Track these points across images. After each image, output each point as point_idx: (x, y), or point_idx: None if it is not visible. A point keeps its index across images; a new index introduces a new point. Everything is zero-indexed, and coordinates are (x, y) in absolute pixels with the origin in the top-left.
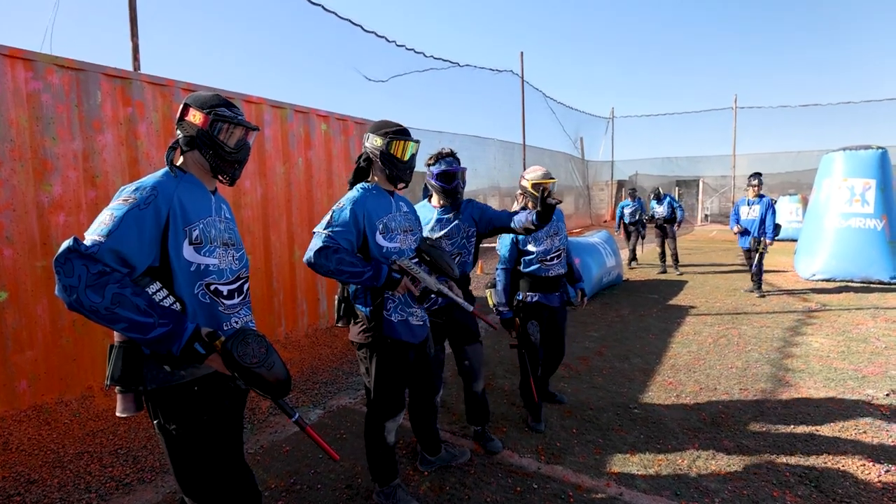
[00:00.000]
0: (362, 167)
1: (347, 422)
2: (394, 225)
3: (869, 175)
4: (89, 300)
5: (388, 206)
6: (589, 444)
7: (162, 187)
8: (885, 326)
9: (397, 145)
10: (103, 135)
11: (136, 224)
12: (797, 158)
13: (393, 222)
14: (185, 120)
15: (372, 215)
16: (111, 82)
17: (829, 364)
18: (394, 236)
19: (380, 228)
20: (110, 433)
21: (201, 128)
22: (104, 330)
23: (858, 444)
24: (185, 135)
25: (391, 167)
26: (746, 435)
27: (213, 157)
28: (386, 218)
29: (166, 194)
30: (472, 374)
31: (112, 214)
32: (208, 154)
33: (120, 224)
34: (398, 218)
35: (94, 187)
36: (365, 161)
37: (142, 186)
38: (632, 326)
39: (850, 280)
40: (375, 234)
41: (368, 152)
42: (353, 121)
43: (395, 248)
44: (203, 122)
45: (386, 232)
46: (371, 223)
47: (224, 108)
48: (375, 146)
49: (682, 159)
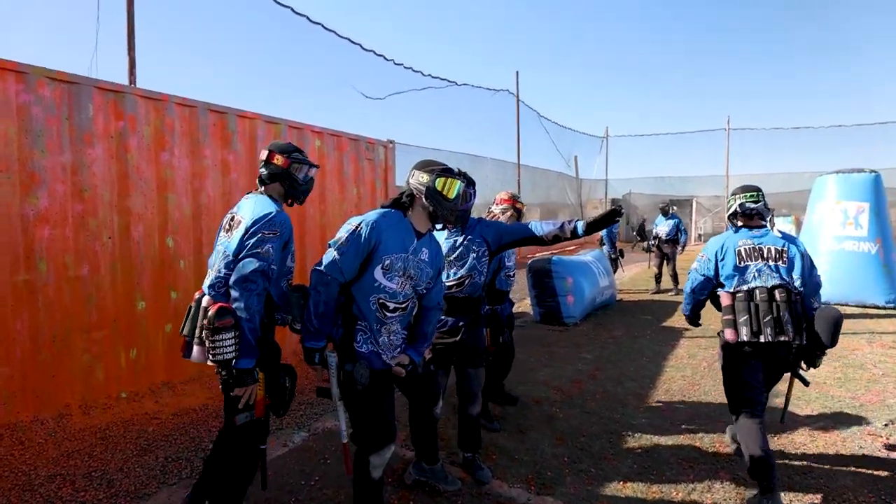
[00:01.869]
0: (403, 203)
1: (333, 445)
2: (400, 265)
3: (862, 199)
4: None
5: (405, 244)
6: (581, 474)
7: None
8: (881, 352)
9: (444, 182)
10: (93, 148)
11: None
12: (790, 179)
13: (400, 262)
14: (272, 162)
15: (381, 247)
16: (104, 96)
17: (826, 391)
18: (393, 277)
19: (384, 263)
20: (86, 454)
21: (283, 167)
22: (84, 347)
23: (857, 477)
24: (269, 172)
25: (436, 204)
26: (743, 466)
27: (290, 187)
28: (395, 256)
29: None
30: (471, 397)
31: None
32: (286, 185)
33: None
34: (410, 261)
35: (82, 201)
36: (408, 197)
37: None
38: (625, 348)
39: (844, 303)
40: (375, 268)
41: (412, 188)
42: (347, 137)
43: (391, 289)
44: (284, 163)
45: (389, 270)
46: (377, 254)
47: (298, 153)
48: (421, 182)
49: (676, 179)
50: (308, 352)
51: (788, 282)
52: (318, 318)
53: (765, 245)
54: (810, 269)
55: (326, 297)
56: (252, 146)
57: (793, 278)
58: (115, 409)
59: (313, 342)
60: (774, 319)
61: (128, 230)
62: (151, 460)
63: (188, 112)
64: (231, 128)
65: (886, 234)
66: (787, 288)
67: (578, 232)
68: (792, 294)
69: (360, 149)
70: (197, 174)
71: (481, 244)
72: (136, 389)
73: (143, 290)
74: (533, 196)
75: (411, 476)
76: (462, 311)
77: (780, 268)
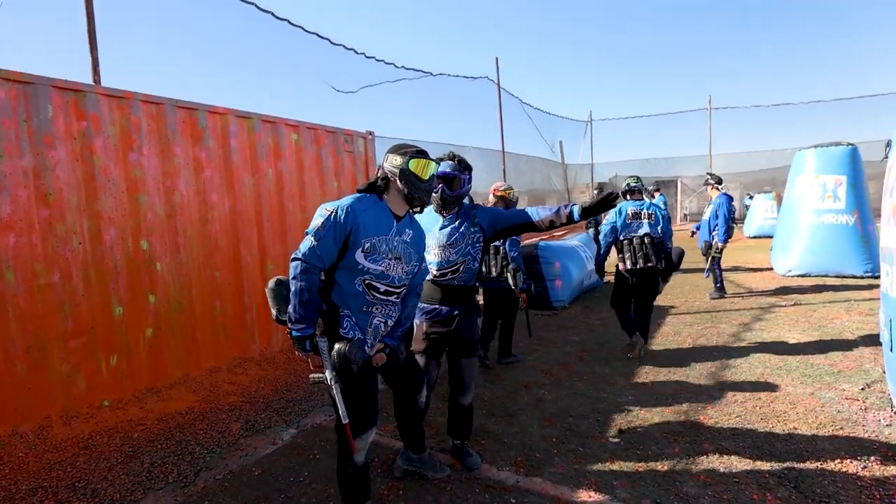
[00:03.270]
0: (378, 186)
1: (321, 441)
2: (384, 248)
3: (840, 171)
4: None
5: (385, 226)
6: (569, 454)
7: None
8: (858, 320)
9: (418, 164)
10: (56, 150)
11: None
12: (771, 156)
13: (384, 245)
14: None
15: (361, 229)
16: (63, 95)
17: (806, 360)
18: (379, 259)
19: (364, 247)
20: (69, 465)
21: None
22: (62, 356)
23: (836, 441)
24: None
25: (410, 186)
26: (726, 436)
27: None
28: (376, 239)
29: None
30: (463, 387)
31: None
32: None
33: None
34: (394, 242)
35: (48, 206)
36: (383, 180)
37: None
38: (612, 329)
39: (825, 275)
40: (356, 251)
41: (387, 171)
42: (324, 130)
43: (377, 270)
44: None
45: (371, 252)
46: (356, 237)
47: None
48: (395, 164)
49: (661, 160)
50: (298, 340)
51: (654, 232)
52: (303, 307)
53: (642, 209)
54: (667, 223)
55: (309, 285)
56: (225, 142)
57: (657, 230)
58: (98, 418)
59: (302, 330)
60: (644, 254)
61: (99, 234)
62: (137, 466)
63: (155, 109)
64: (202, 124)
65: (864, 206)
66: (651, 236)
67: (574, 217)
68: (655, 239)
69: (339, 141)
70: (168, 173)
71: (477, 231)
72: (120, 397)
73: (120, 295)
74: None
75: (400, 468)
76: (457, 301)
77: (650, 224)
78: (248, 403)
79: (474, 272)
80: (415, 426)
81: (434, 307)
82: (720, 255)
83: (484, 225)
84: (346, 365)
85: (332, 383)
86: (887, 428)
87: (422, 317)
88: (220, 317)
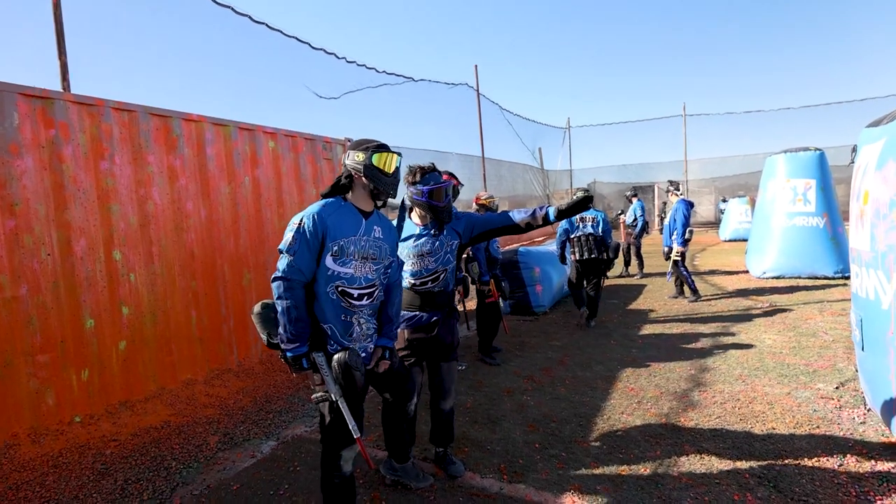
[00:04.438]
0: (343, 184)
1: (302, 452)
2: (353, 249)
3: (809, 175)
4: None
5: (353, 226)
6: (552, 459)
7: None
8: (831, 320)
9: (381, 158)
10: (22, 159)
11: None
12: (744, 161)
13: (353, 246)
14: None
15: (329, 233)
16: (30, 102)
17: (782, 360)
18: (348, 261)
19: (333, 250)
20: (37, 485)
21: None
22: (30, 371)
23: (813, 439)
24: None
25: (376, 181)
26: (707, 437)
27: None
28: (344, 240)
29: None
30: (443, 391)
31: None
32: None
33: None
34: (362, 242)
35: (14, 216)
36: (346, 178)
37: None
38: (593, 333)
39: (798, 276)
40: (325, 256)
41: (350, 169)
42: (302, 137)
43: (347, 274)
44: None
45: (340, 255)
46: (326, 242)
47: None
48: (358, 161)
49: (638, 166)
50: (294, 360)
51: (596, 232)
52: (293, 325)
53: (587, 215)
54: (605, 225)
55: (295, 302)
56: (200, 150)
57: (599, 230)
58: (69, 435)
59: (296, 349)
60: (589, 248)
61: (69, 245)
62: (110, 484)
63: (127, 117)
64: (176, 132)
65: (833, 208)
66: (594, 235)
67: (550, 218)
68: (597, 237)
69: (317, 148)
70: (141, 182)
71: (453, 237)
72: (91, 412)
73: (91, 307)
74: (500, 189)
75: (384, 477)
76: (436, 306)
77: (592, 226)
78: (227, 416)
79: (451, 279)
80: (402, 435)
81: (414, 314)
82: (681, 258)
83: (459, 230)
84: (349, 374)
85: (337, 398)
86: (861, 425)
87: (402, 324)
88: (197, 328)
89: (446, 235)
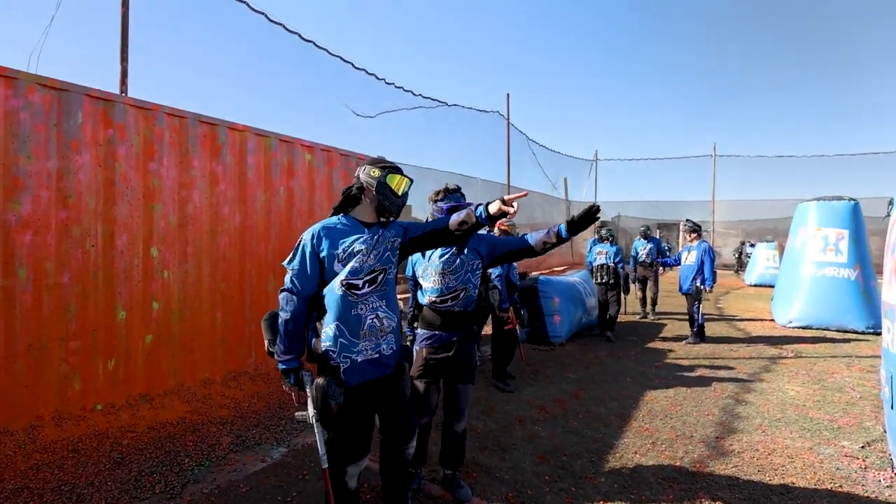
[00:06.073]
0: (354, 195)
1: (311, 461)
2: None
3: (842, 226)
4: None
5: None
6: (561, 493)
7: None
8: (859, 376)
9: (394, 179)
10: (80, 155)
11: None
12: (773, 206)
13: (359, 244)
14: None
15: (330, 244)
16: (94, 104)
17: (805, 413)
18: (353, 257)
19: (340, 257)
20: (56, 467)
21: None
22: (61, 356)
23: (834, 498)
24: None
25: (385, 198)
26: (722, 486)
27: None
28: (349, 241)
29: None
30: (457, 413)
31: None
32: None
33: None
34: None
35: (66, 207)
36: (358, 189)
37: None
38: (609, 369)
39: (826, 328)
40: (334, 264)
41: (363, 182)
42: (337, 152)
43: (353, 267)
44: None
45: (347, 259)
46: (330, 253)
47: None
48: (372, 176)
49: (664, 203)
50: (284, 373)
51: (608, 262)
52: (287, 337)
53: (604, 249)
54: (617, 255)
55: (293, 315)
56: (241, 158)
57: (611, 261)
58: (90, 421)
59: (287, 362)
60: (604, 274)
61: (112, 239)
62: (124, 474)
63: (178, 122)
64: (221, 139)
65: (866, 260)
66: (607, 265)
67: (563, 234)
68: (609, 266)
69: (351, 164)
70: (184, 184)
71: (475, 257)
72: (113, 401)
73: (125, 300)
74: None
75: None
76: (456, 327)
77: (605, 258)
78: (240, 418)
79: (473, 299)
80: (400, 481)
81: (434, 333)
82: (699, 300)
83: (482, 252)
84: (325, 401)
85: (313, 421)
86: (888, 489)
87: (421, 343)
88: (220, 329)
89: (468, 255)
